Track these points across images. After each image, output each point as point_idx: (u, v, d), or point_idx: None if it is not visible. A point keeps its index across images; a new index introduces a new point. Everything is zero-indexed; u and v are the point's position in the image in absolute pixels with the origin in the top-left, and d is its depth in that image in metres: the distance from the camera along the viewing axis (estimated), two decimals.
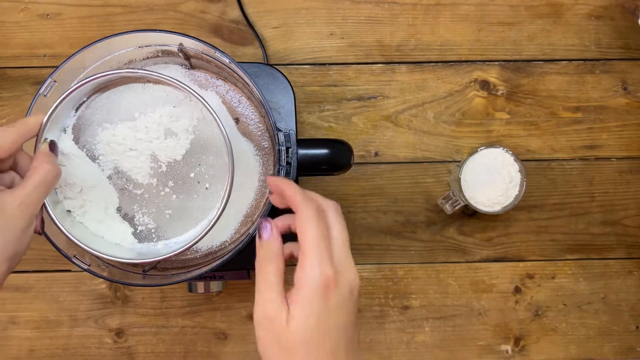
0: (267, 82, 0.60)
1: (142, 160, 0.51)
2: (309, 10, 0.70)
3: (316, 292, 0.37)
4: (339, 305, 0.38)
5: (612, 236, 0.72)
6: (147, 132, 0.51)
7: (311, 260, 0.38)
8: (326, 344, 0.38)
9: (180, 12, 0.70)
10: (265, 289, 0.39)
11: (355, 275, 0.40)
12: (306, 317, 0.37)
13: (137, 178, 0.51)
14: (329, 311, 0.38)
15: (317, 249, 0.38)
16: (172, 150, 0.51)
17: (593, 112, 0.72)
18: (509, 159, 0.66)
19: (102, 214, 0.51)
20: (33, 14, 0.70)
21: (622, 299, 0.72)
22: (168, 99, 0.52)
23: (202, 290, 0.65)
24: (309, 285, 0.38)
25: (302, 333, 0.37)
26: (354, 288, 0.39)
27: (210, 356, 0.71)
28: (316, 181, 0.71)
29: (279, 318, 0.38)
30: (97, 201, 0.51)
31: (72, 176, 0.50)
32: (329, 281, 0.38)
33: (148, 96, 0.52)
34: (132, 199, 0.52)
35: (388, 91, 0.71)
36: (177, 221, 0.52)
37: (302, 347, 0.37)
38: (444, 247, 0.72)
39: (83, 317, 0.71)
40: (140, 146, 0.51)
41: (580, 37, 0.71)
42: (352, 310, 0.39)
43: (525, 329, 0.72)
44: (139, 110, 0.51)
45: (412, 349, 0.72)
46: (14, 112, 0.70)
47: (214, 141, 0.51)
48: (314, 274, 0.38)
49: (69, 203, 0.50)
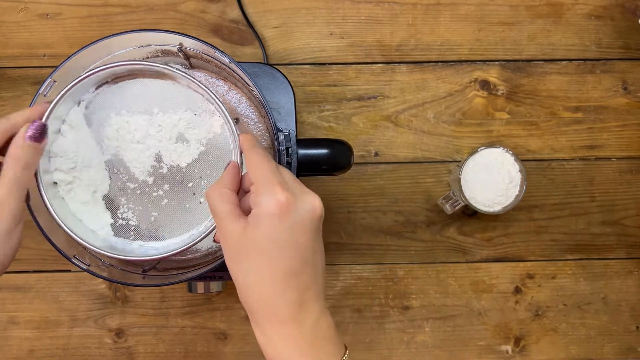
0: (267, 82, 0.60)
1: (146, 155, 0.50)
2: (309, 10, 0.70)
3: (269, 214, 0.39)
4: (295, 225, 0.39)
5: (613, 236, 0.72)
6: (161, 130, 0.50)
7: (262, 187, 0.39)
8: (278, 260, 0.39)
9: (180, 12, 0.70)
10: (215, 213, 0.41)
11: (314, 198, 0.41)
12: (258, 235, 0.39)
13: (135, 172, 0.51)
14: (283, 231, 0.39)
15: (267, 177, 0.40)
16: (178, 156, 0.51)
17: (593, 112, 0.71)
18: (509, 159, 0.66)
19: (88, 196, 0.50)
20: (33, 13, 0.70)
21: (622, 299, 0.72)
22: (191, 104, 0.51)
23: (202, 290, 0.65)
24: (262, 209, 0.39)
25: (254, 247, 0.39)
26: (315, 208, 0.40)
27: (210, 356, 0.71)
28: (316, 181, 0.71)
29: (234, 230, 0.39)
30: (87, 182, 0.50)
31: (70, 150, 0.49)
32: (283, 203, 0.39)
33: (171, 95, 0.51)
34: (123, 191, 0.51)
35: (388, 91, 0.71)
36: (160, 227, 0.51)
37: (252, 257, 0.39)
38: (444, 247, 0.72)
39: (83, 317, 0.70)
40: (149, 142, 0.50)
41: (580, 37, 0.71)
42: (310, 230, 0.40)
43: (525, 329, 0.72)
44: (159, 106, 0.51)
45: (412, 349, 0.72)
46: (13, 112, 0.70)
47: (223, 158, 0.51)
48: (267, 199, 0.39)
49: (59, 175, 0.49)
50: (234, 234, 0.39)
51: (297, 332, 0.39)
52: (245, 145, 0.44)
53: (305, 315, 0.39)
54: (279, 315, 0.39)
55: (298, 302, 0.39)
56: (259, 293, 0.39)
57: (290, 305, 0.39)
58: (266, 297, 0.39)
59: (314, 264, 0.40)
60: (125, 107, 0.51)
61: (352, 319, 0.72)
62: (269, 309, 0.39)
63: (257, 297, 0.39)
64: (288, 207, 0.39)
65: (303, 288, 0.39)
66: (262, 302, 0.39)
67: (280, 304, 0.39)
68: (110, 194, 0.51)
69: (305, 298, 0.39)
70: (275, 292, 0.39)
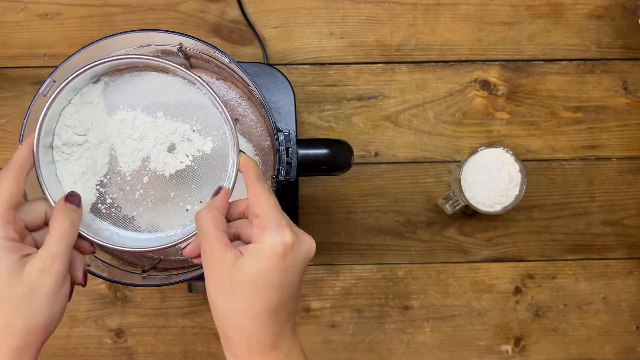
0: (267, 82, 0.60)
1: (138, 156, 0.50)
2: (309, 10, 0.70)
3: (273, 253, 0.39)
4: (291, 266, 0.40)
5: (613, 236, 0.72)
6: (157, 136, 0.50)
7: (271, 224, 0.40)
8: (267, 297, 0.40)
9: (180, 12, 0.70)
10: (204, 241, 0.41)
11: (311, 240, 0.42)
12: (254, 270, 0.39)
13: (122, 167, 0.50)
14: (279, 270, 0.40)
15: (276, 216, 0.41)
16: (163, 165, 0.50)
17: (593, 112, 0.71)
18: (509, 159, 0.66)
19: (81, 173, 0.49)
20: (33, 13, 0.70)
21: (622, 299, 0.72)
22: (193, 114, 0.50)
23: (202, 290, 0.65)
24: (267, 246, 0.39)
25: (247, 282, 0.39)
26: (311, 249, 0.42)
27: (210, 356, 0.71)
28: (316, 181, 0.71)
29: (224, 261, 0.40)
30: (86, 160, 0.49)
31: (84, 125, 0.48)
32: (288, 245, 0.40)
33: (179, 99, 0.50)
34: (111, 181, 0.50)
35: (388, 91, 0.71)
36: (136, 219, 0.50)
37: (242, 292, 0.39)
38: (444, 247, 0.72)
39: (83, 317, 0.70)
40: (143, 144, 0.50)
41: (580, 37, 0.71)
42: (302, 271, 0.42)
43: (525, 329, 0.72)
44: (164, 110, 0.50)
45: (412, 349, 0.72)
46: (13, 112, 0.70)
47: (209, 176, 0.50)
48: (274, 237, 0.40)
49: (60, 141, 0.48)
50: (225, 264, 0.40)
51: (273, 359, 0.40)
52: (251, 175, 0.43)
53: (281, 342, 0.41)
54: (259, 346, 0.40)
55: (276, 334, 0.40)
56: (241, 324, 0.40)
57: (270, 336, 0.40)
58: (248, 328, 0.40)
59: (296, 299, 0.42)
60: (135, 102, 0.50)
61: (352, 319, 0.72)
62: (249, 340, 0.40)
63: (238, 327, 0.40)
64: (292, 249, 0.40)
65: (284, 320, 0.41)
66: (242, 332, 0.40)
67: (261, 336, 0.40)
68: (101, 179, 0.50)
69: (283, 330, 0.41)
70: (258, 325, 0.40)
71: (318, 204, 0.71)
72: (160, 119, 0.50)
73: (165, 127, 0.50)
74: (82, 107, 0.49)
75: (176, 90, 0.50)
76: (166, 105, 0.50)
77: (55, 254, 0.40)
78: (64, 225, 0.42)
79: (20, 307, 0.39)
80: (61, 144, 0.48)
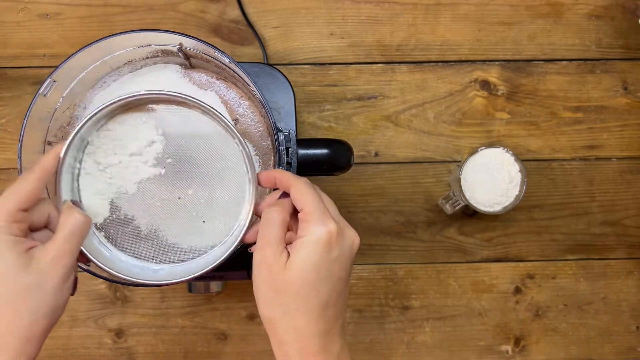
0: (267, 82, 0.60)
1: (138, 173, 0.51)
2: (309, 10, 0.70)
3: (320, 243, 0.40)
4: (338, 258, 0.41)
5: (613, 236, 0.72)
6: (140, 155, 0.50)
7: (315, 216, 0.41)
8: (319, 291, 0.40)
9: (180, 12, 0.70)
10: (268, 234, 0.41)
11: (355, 232, 0.43)
12: (305, 264, 0.40)
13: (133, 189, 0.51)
14: (328, 262, 0.40)
15: (320, 207, 0.41)
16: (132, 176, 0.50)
17: (593, 112, 0.71)
18: (509, 159, 0.66)
19: (103, 183, 0.49)
20: (32, 13, 0.70)
21: (622, 299, 0.72)
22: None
23: (202, 290, 0.65)
24: (314, 237, 0.40)
25: (299, 278, 0.40)
26: (354, 243, 0.42)
27: (210, 356, 0.71)
28: (316, 181, 0.70)
29: (277, 262, 0.40)
30: (110, 179, 0.50)
31: (122, 143, 0.49)
32: (333, 234, 0.40)
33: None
34: (128, 202, 0.51)
35: (388, 91, 0.71)
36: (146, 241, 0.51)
37: (294, 290, 0.40)
38: (444, 247, 0.72)
39: (83, 317, 0.70)
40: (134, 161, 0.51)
41: (580, 37, 0.71)
42: (348, 265, 0.42)
43: (525, 329, 0.72)
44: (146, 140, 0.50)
45: (413, 349, 0.72)
46: (13, 112, 0.70)
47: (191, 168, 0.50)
48: (319, 228, 0.40)
49: (94, 147, 0.48)
50: (278, 264, 0.40)
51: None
52: (289, 176, 0.44)
53: (331, 344, 0.41)
54: (310, 346, 0.40)
55: (327, 333, 0.40)
56: (295, 324, 0.40)
57: (321, 336, 0.40)
58: (301, 327, 0.40)
59: (344, 297, 0.42)
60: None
61: (352, 319, 0.72)
62: (302, 340, 0.40)
63: (292, 328, 0.40)
64: (337, 238, 0.40)
65: (333, 319, 0.41)
66: (295, 333, 0.40)
67: (313, 335, 0.40)
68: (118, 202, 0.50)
69: (333, 329, 0.41)
70: (309, 323, 0.40)
71: None
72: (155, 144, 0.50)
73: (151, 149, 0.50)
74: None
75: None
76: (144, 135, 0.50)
77: (66, 247, 0.41)
78: (76, 223, 0.42)
79: (28, 297, 0.39)
80: (93, 161, 0.49)
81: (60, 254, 0.41)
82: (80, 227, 0.42)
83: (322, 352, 0.40)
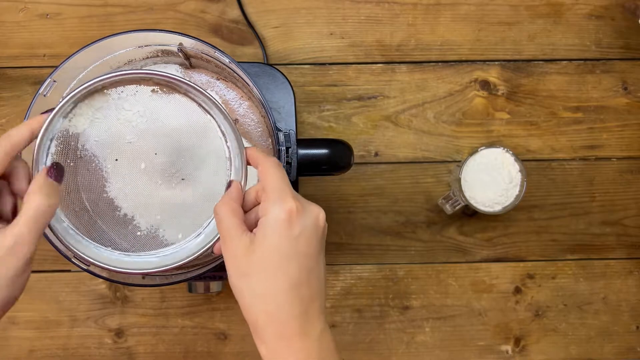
0: (267, 82, 0.60)
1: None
2: (309, 10, 0.70)
3: (279, 221, 0.39)
4: (302, 234, 0.39)
5: (613, 236, 0.72)
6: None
7: (275, 195, 0.40)
8: (286, 271, 0.39)
9: (180, 12, 0.70)
10: (222, 228, 0.41)
11: (318, 209, 0.41)
12: (266, 244, 0.39)
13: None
14: (291, 239, 0.39)
15: (280, 186, 0.40)
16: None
17: (593, 112, 0.71)
18: (509, 159, 0.66)
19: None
20: (33, 13, 0.70)
21: (622, 299, 0.72)
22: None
23: (202, 290, 0.65)
24: (272, 216, 0.39)
25: (261, 258, 0.39)
26: (319, 218, 0.41)
27: (210, 356, 0.71)
28: (316, 181, 0.71)
29: (239, 248, 0.39)
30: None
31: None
32: (293, 211, 0.39)
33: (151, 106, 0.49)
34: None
35: (388, 91, 0.71)
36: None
37: (258, 272, 0.39)
38: (444, 247, 0.72)
39: (83, 317, 0.70)
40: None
41: (580, 37, 0.71)
42: (315, 241, 0.40)
43: (525, 329, 0.72)
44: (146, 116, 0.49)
45: (412, 349, 0.72)
46: (13, 112, 0.70)
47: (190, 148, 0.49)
48: (278, 206, 0.39)
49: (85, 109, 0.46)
50: (241, 248, 0.39)
51: (304, 345, 0.39)
52: (259, 154, 0.44)
53: (310, 327, 0.39)
54: (286, 329, 0.39)
55: (304, 314, 0.39)
56: (266, 307, 0.39)
57: (296, 318, 0.39)
58: (273, 310, 0.39)
59: (318, 276, 0.41)
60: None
61: (352, 319, 0.72)
62: (276, 323, 0.39)
63: (263, 311, 0.39)
64: (297, 214, 0.39)
65: (308, 300, 0.39)
66: (268, 316, 0.39)
67: (287, 318, 0.39)
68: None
69: (310, 310, 0.40)
70: (281, 305, 0.39)
71: (318, 203, 0.71)
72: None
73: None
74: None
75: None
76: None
77: (27, 235, 0.38)
78: (41, 207, 0.38)
79: None
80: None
81: (21, 242, 0.37)
82: (42, 213, 0.38)
83: (300, 336, 0.39)
